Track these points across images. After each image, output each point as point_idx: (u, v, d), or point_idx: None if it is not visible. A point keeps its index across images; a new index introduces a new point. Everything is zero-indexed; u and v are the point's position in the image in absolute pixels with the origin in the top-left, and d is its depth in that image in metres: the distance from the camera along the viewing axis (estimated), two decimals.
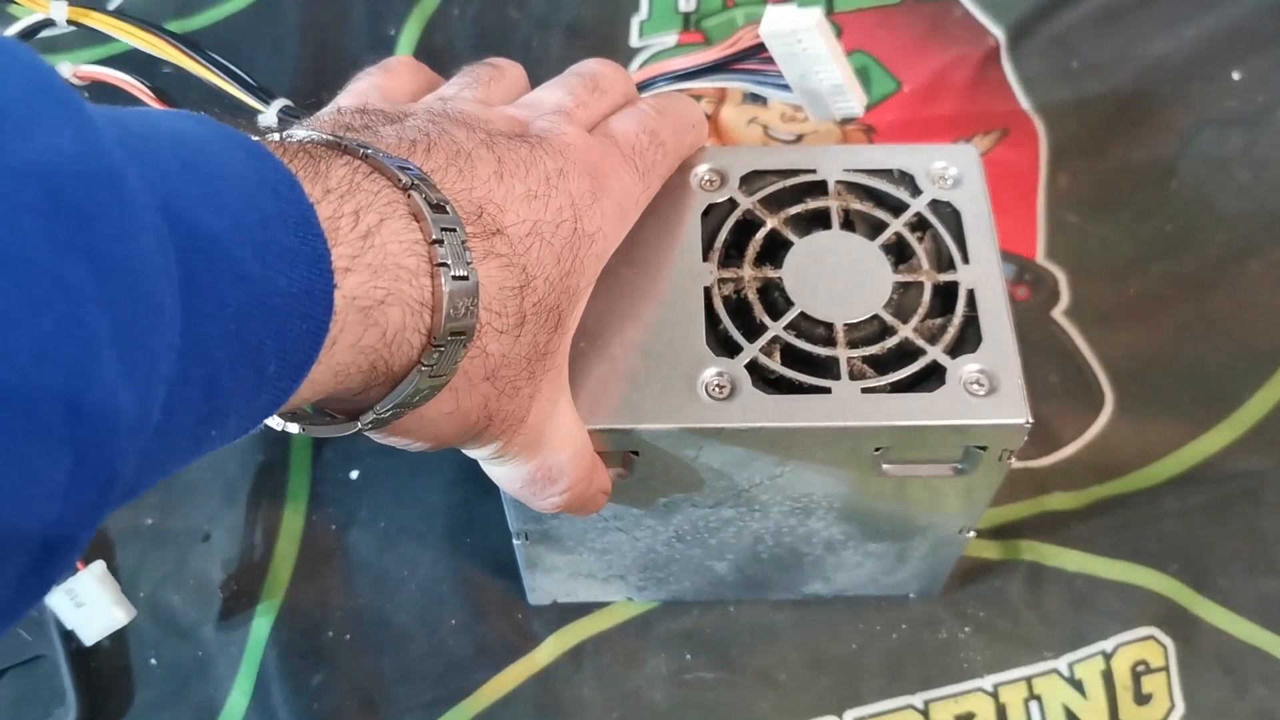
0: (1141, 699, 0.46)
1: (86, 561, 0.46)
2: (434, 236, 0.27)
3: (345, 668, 0.48)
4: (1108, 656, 0.47)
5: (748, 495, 0.39)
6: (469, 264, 0.28)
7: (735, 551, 0.44)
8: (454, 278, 0.27)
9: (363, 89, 0.36)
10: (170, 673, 0.48)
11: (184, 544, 0.51)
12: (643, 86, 0.41)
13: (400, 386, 0.28)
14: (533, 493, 0.35)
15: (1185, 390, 0.53)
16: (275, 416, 0.30)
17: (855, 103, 0.41)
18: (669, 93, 0.41)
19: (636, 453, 0.37)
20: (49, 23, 0.40)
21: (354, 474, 0.52)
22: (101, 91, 0.43)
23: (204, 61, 0.40)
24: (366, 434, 0.30)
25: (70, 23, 0.40)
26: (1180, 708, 0.46)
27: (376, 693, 0.47)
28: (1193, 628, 0.48)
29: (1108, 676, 0.47)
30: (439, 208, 0.28)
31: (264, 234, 0.24)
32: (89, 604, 0.45)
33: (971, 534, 0.43)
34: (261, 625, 0.49)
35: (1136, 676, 0.47)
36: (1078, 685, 0.47)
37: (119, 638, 0.48)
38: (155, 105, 0.50)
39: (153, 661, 0.48)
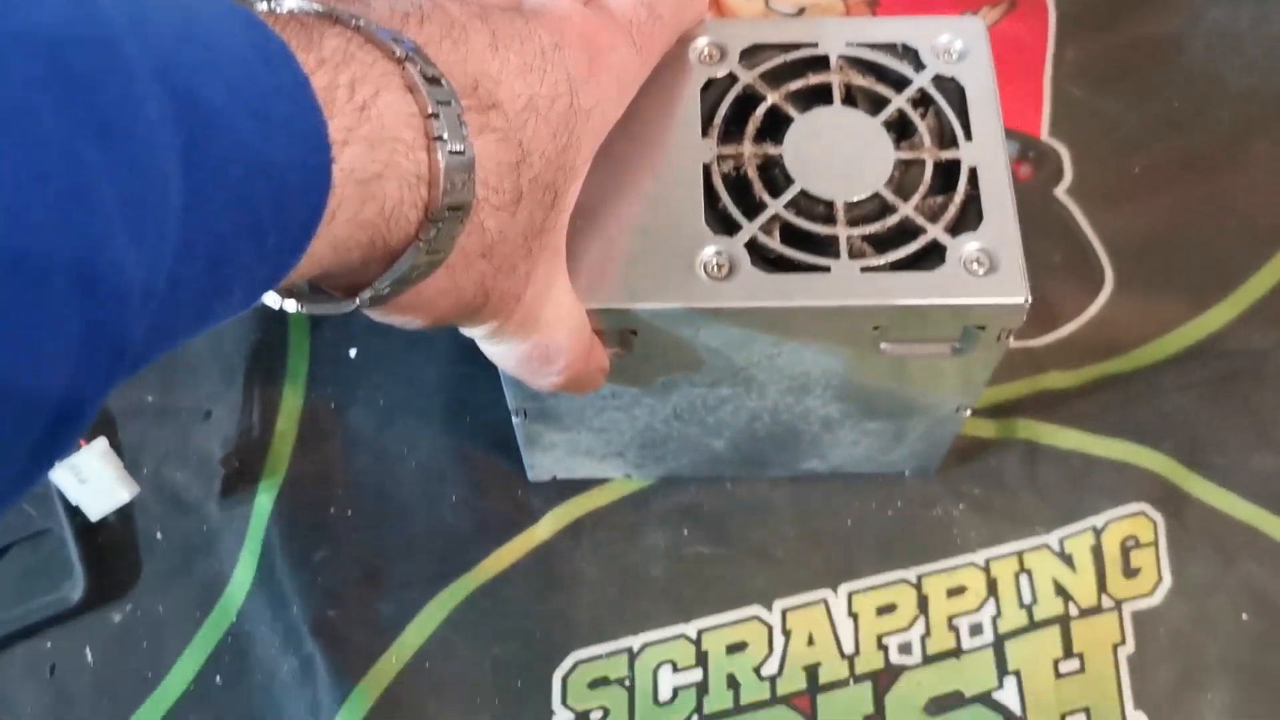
0: (1130, 572, 0.47)
1: (88, 439, 0.47)
2: (430, 110, 0.27)
3: (347, 544, 0.48)
4: (1098, 532, 0.48)
5: (745, 374, 0.39)
6: (465, 138, 0.28)
7: (732, 429, 0.44)
8: (451, 152, 0.27)
9: None
10: (176, 547, 0.49)
11: (185, 422, 0.51)
12: None
13: (398, 263, 0.28)
14: (530, 371, 0.35)
15: (1187, 269, 0.53)
16: (273, 294, 0.30)
17: None
18: None
19: (634, 332, 0.37)
20: None
21: (352, 352, 0.52)
22: None
23: None
24: (364, 311, 0.30)
25: None
26: (1168, 581, 0.47)
27: (378, 568, 0.48)
28: (1184, 504, 0.48)
29: (1097, 551, 0.48)
30: (434, 81, 0.27)
31: (262, 104, 0.23)
32: (92, 481, 0.46)
33: (968, 413, 0.43)
34: (264, 502, 0.49)
35: (1125, 551, 0.48)
36: (1067, 559, 0.48)
37: (124, 513, 0.49)
38: None
39: (158, 536, 0.49)
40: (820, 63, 0.39)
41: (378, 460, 0.50)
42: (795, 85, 0.39)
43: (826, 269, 0.36)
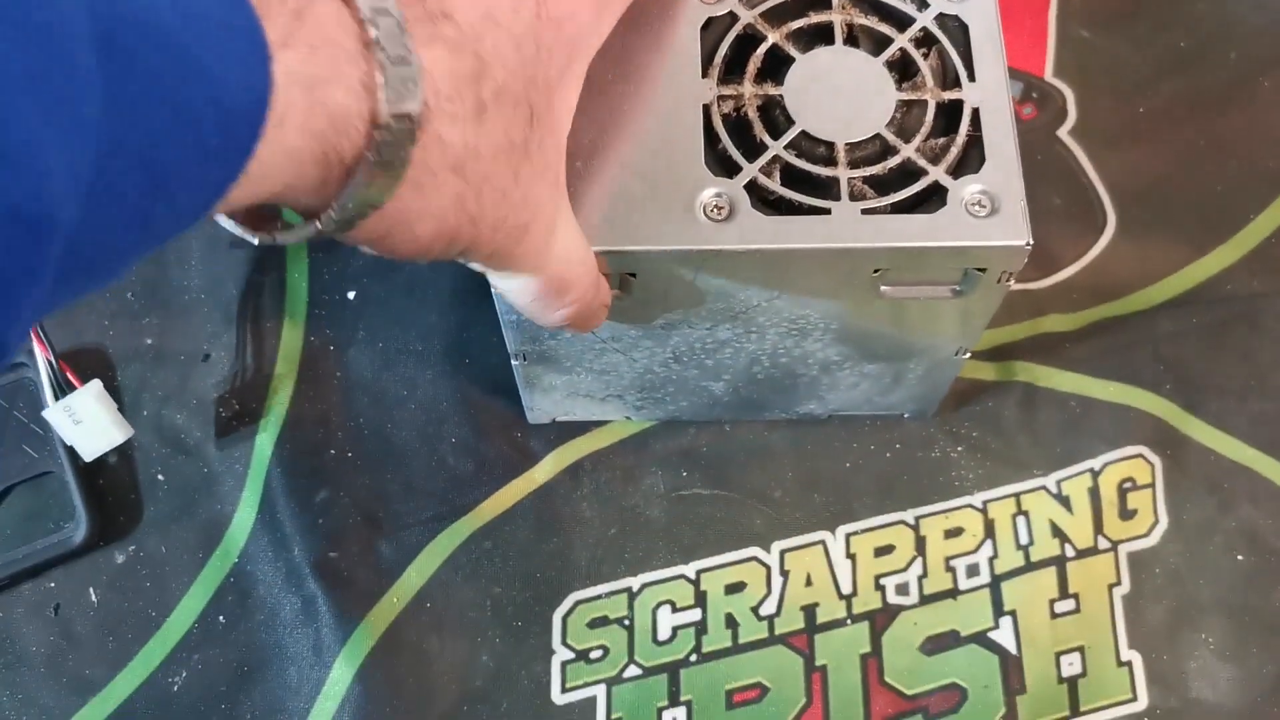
0: (1126, 514, 0.48)
1: (83, 380, 0.47)
2: (365, 16, 0.26)
3: (348, 485, 0.49)
4: (1095, 474, 0.48)
5: (745, 317, 0.39)
6: (408, 47, 0.27)
7: (732, 372, 0.44)
8: (392, 59, 0.26)
9: None
10: (177, 489, 0.49)
11: (184, 364, 0.51)
12: None
13: (354, 178, 0.27)
14: (542, 305, 0.35)
15: (1189, 212, 0.53)
16: (240, 227, 0.29)
17: None
18: None
19: (634, 274, 0.37)
20: None
21: (351, 294, 0.52)
22: None
23: None
24: (343, 239, 0.29)
25: None
26: (1164, 522, 0.47)
27: (379, 509, 0.48)
28: (1182, 447, 0.49)
29: (1094, 493, 0.48)
30: None
31: (189, 5, 0.23)
32: (87, 421, 0.46)
33: (967, 355, 0.43)
34: (264, 443, 0.49)
35: (1122, 493, 0.48)
36: (1064, 501, 0.48)
37: (126, 455, 0.49)
38: None
39: (160, 478, 0.49)
40: (822, 1, 0.39)
41: (377, 402, 0.50)
42: (796, 24, 0.38)
43: (827, 211, 0.35)
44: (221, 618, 0.47)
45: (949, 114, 0.37)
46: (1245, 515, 0.47)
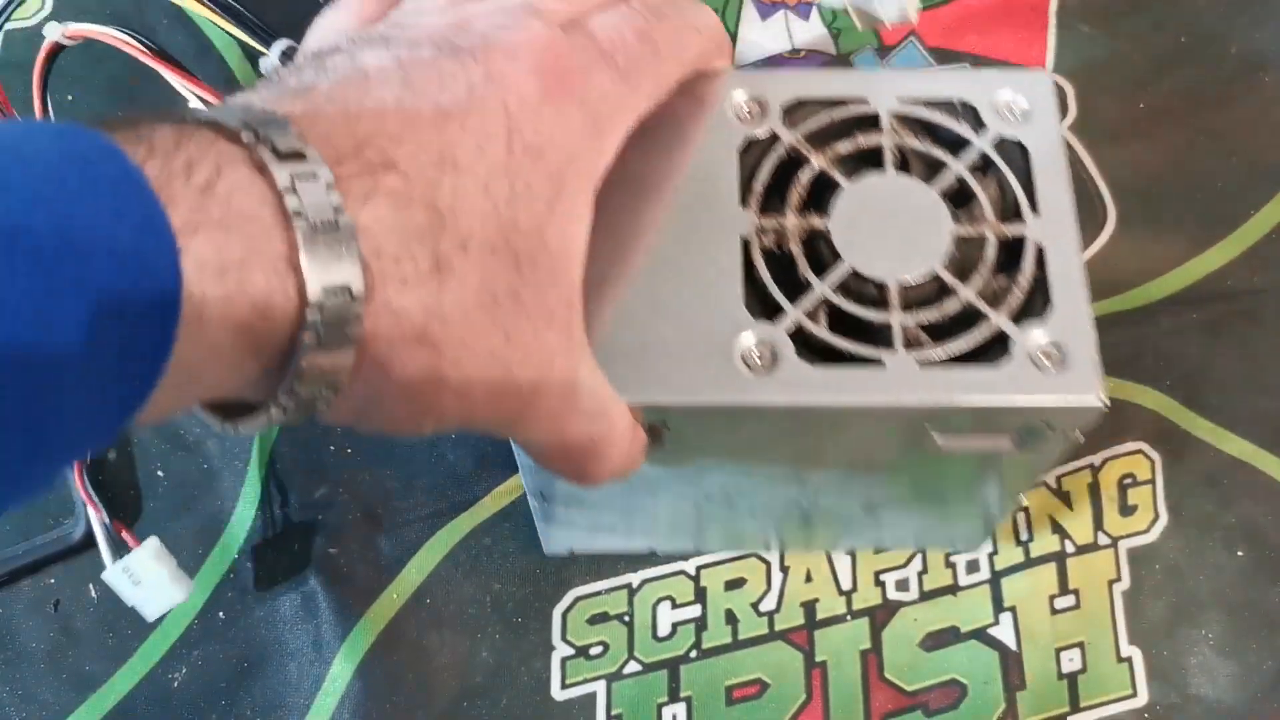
0: (1127, 510, 0.48)
1: (139, 540, 0.46)
2: (284, 184, 0.23)
3: (348, 481, 0.49)
4: (1095, 470, 0.48)
5: (786, 466, 0.37)
6: (338, 208, 0.24)
7: (770, 512, 0.42)
8: (315, 226, 0.23)
9: (326, 23, 0.31)
10: (177, 485, 0.49)
11: None
12: None
13: (292, 364, 0.24)
14: (575, 467, 0.31)
15: (1189, 208, 0.53)
16: (205, 414, 0.26)
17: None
18: None
19: (666, 426, 0.33)
20: None
21: None
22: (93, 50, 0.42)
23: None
24: (322, 423, 0.27)
25: None
26: (1164, 518, 0.47)
27: (379, 505, 0.48)
28: (1182, 443, 0.49)
29: (1094, 489, 0.48)
30: (294, 155, 0.24)
31: (72, 206, 0.21)
32: (146, 580, 0.45)
33: (1024, 500, 0.41)
34: (264, 440, 0.49)
35: (1123, 489, 0.48)
36: (1064, 497, 0.48)
37: (126, 452, 0.49)
38: (150, 62, 0.48)
39: (159, 474, 0.49)
40: (870, 121, 0.36)
41: None
42: (843, 148, 0.35)
43: (879, 362, 0.32)
44: (221, 614, 0.47)
45: (1010, 249, 0.34)
46: (1245, 511, 0.47)
